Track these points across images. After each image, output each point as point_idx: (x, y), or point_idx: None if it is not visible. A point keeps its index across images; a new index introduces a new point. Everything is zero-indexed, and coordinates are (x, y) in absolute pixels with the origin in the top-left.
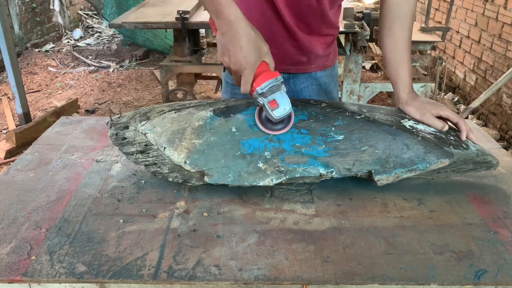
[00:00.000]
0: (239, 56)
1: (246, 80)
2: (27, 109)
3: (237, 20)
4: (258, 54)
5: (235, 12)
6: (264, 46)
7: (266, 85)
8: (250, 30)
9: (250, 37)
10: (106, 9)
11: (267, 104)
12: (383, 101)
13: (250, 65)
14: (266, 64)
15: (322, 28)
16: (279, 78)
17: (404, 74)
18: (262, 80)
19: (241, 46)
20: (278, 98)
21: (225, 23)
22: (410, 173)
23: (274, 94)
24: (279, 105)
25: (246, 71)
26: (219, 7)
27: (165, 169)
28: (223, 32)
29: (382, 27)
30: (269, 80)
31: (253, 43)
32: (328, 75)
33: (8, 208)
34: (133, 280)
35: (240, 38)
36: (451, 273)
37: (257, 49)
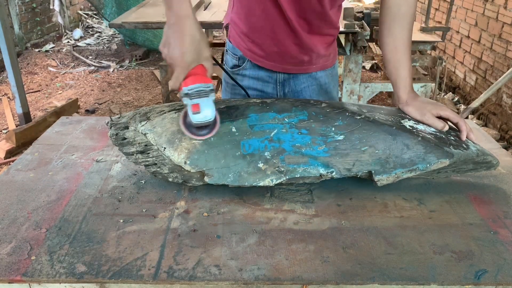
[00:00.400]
0: (177, 51)
1: (177, 76)
2: (27, 109)
3: (185, 17)
4: (197, 56)
5: (186, 9)
6: (205, 51)
7: (193, 87)
8: (195, 31)
9: (194, 38)
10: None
11: (189, 106)
12: (383, 101)
13: (184, 63)
14: (203, 69)
15: (323, 27)
16: (209, 85)
17: (404, 74)
18: (191, 82)
19: (182, 43)
20: (202, 104)
21: (173, 16)
22: (410, 173)
23: (200, 99)
24: (201, 111)
25: (179, 68)
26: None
27: (165, 169)
28: (170, 24)
29: (382, 27)
30: (198, 83)
31: (195, 44)
32: (328, 75)
33: (8, 208)
34: (133, 280)
35: (183, 35)
36: (451, 273)
37: (197, 51)
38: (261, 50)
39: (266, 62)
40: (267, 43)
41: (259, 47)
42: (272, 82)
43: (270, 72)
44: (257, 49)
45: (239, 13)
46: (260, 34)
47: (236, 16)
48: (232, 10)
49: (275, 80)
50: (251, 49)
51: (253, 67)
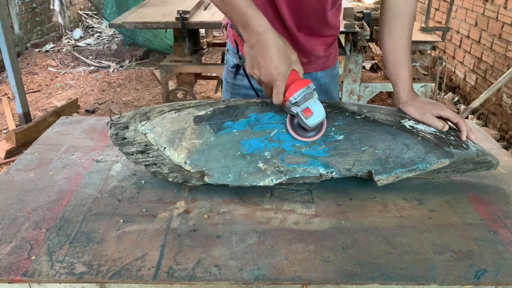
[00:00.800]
0: (270, 67)
1: (279, 90)
2: (27, 109)
3: (266, 31)
4: (288, 63)
5: (264, 24)
6: (293, 54)
7: (299, 94)
8: (279, 40)
9: (279, 47)
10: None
11: (301, 113)
12: (383, 101)
13: (281, 75)
14: (296, 73)
15: (323, 29)
16: (311, 86)
17: (404, 74)
18: (294, 90)
19: (271, 57)
20: (311, 106)
21: (253, 35)
22: (410, 173)
23: (307, 102)
24: (313, 112)
25: (278, 82)
26: (246, 20)
27: (165, 169)
28: (252, 44)
29: (382, 27)
30: (302, 88)
31: (282, 52)
32: (328, 75)
33: (8, 208)
34: (133, 280)
35: (270, 49)
36: (451, 273)
37: (287, 58)
38: None
39: None
40: None
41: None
42: None
43: None
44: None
45: None
46: None
47: None
48: None
49: None
50: None
51: None
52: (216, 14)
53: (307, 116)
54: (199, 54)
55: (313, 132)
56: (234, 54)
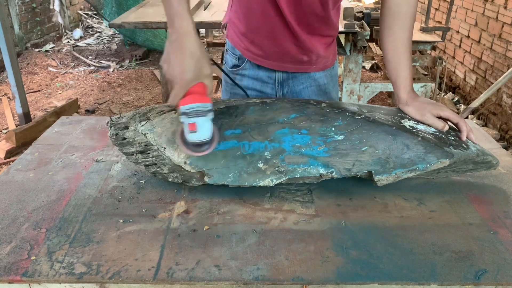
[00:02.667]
0: (177, 69)
1: (176, 94)
2: (27, 109)
3: (186, 35)
4: (197, 74)
5: (187, 26)
6: (206, 68)
7: (191, 106)
8: (196, 49)
9: (194, 55)
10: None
11: (186, 125)
12: (383, 101)
13: (183, 81)
14: (203, 87)
15: (322, 28)
16: (208, 105)
17: (404, 74)
18: (189, 101)
19: (181, 61)
20: (199, 124)
21: (174, 33)
22: (410, 173)
23: (198, 118)
24: (197, 130)
25: (178, 86)
26: (173, 16)
27: (165, 169)
28: (171, 40)
29: (383, 27)
30: (197, 103)
31: (194, 61)
32: (327, 75)
33: (8, 208)
34: (133, 280)
35: (184, 53)
36: (451, 273)
37: (197, 69)
38: (260, 50)
39: (265, 61)
40: (266, 43)
41: (258, 47)
42: (271, 83)
43: (269, 72)
44: (256, 49)
45: (238, 13)
46: (259, 35)
47: (234, 16)
48: (231, 9)
49: (274, 80)
50: (250, 49)
51: (253, 67)
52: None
53: (191, 130)
54: None
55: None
56: (233, 54)
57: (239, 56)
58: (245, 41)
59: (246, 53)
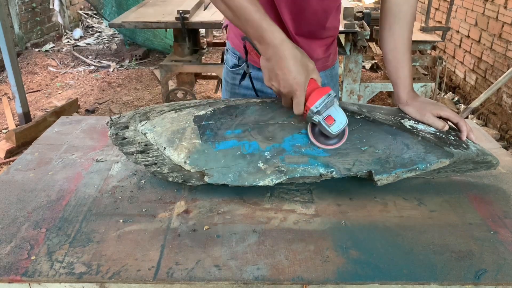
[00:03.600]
0: (289, 78)
1: (299, 101)
2: (27, 109)
3: (282, 43)
4: (306, 72)
5: (279, 36)
6: (310, 63)
7: (320, 102)
8: (295, 50)
9: (296, 57)
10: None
11: (323, 121)
12: (383, 101)
13: (301, 86)
14: (314, 81)
15: (323, 33)
16: (332, 93)
17: (404, 74)
18: (315, 99)
19: (289, 69)
20: (333, 114)
21: (269, 48)
22: (410, 173)
23: (329, 109)
24: (335, 120)
25: (298, 92)
26: (261, 33)
27: (165, 169)
28: (268, 57)
29: (383, 26)
30: (322, 97)
31: (300, 63)
32: (327, 75)
33: (8, 208)
34: (133, 280)
35: (287, 60)
36: (451, 273)
37: (305, 68)
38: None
39: None
40: None
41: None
42: None
43: None
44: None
45: None
46: None
47: None
48: None
49: None
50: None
51: (253, 67)
52: (216, 14)
53: (330, 124)
54: (199, 54)
55: (336, 139)
56: (234, 54)
57: (239, 56)
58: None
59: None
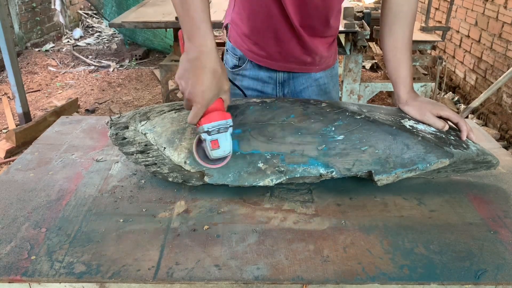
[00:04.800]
0: (198, 88)
1: (197, 113)
2: (27, 109)
3: (209, 53)
4: (217, 91)
5: (210, 44)
6: (225, 84)
7: (214, 125)
8: (217, 66)
9: (215, 74)
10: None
11: (208, 142)
12: (383, 101)
13: (205, 101)
14: (221, 102)
15: (324, 30)
16: (229, 122)
17: (404, 73)
18: (211, 119)
19: (202, 80)
20: (221, 140)
21: (195, 50)
22: (410, 173)
23: (219, 134)
24: (220, 146)
25: (199, 105)
26: (195, 33)
27: (165, 169)
28: (190, 58)
29: (383, 26)
30: (219, 121)
31: (216, 79)
32: (328, 75)
33: (8, 207)
34: (132, 279)
35: (205, 71)
36: (451, 273)
37: (218, 86)
38: (263, 50)
39: (269, 62)
40: (270, 44)
41: (261, 48)
42: (272, 83)
43: (270, 72)
44: (259, 50)
45: (241, 14)
46: (262, 36)
47: (237, 17)
48: (233, 10)
49: (275, 80)
50: (252, 50)
51: (253, 68)
52: (217, 13)
53: (213, 148)
54: None
55: (218, 161)
56: (234, 54)
57: (240, 56)
58: (248, 42)
59: (249, 54)
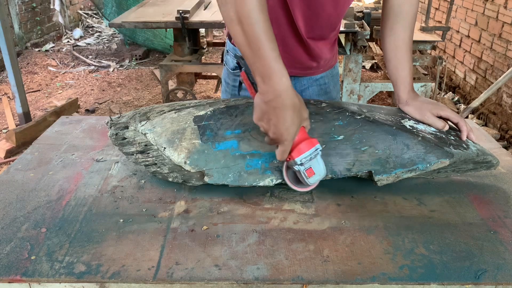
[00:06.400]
0: (282, 127)
1: (285, 150)
2: (27, 109)
3: (286, 91)
4: (299, 122)
5: (286, 82)
6: (305, 112)
7: (305, 155)
8: (296, 99)
9: (295, 107)
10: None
11: (303, 172)
12: (383, 101)
13: (291, 136)
14: (304, 129)
15: (330, 34)
16: (318, 147)
17: (404, 73)
18: (302, 151)
19: (284, 118)
20: (314, 166)
21: (271, 92)
22: (410, 173)
23: (311, 161)
24: (315, 173)
25: (286, 142)
26: (270, 73)
27: (165, 169)
28: (268, 100)
29: (384, 26)
30: (309, 150)
31: (297, 112)
32: (328, 75)
33: (8, 207)
34: (132, 279)
35: (286, 110)
36: (451, 273)
37: (299, 118)
38: None
39: None
40: None
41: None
42: None
43: None
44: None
45: None
46: None
47: None
48: None
49: None
50: None
51: None
52: (217, 13)
53: (309, 176)
54: (199, 53)
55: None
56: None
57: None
58: None
59: None
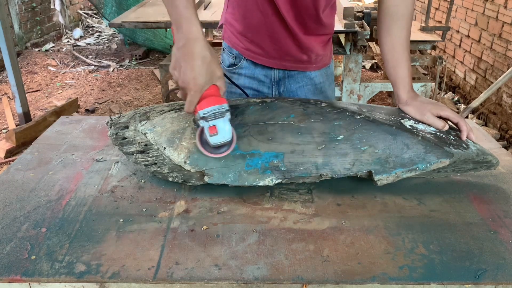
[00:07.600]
0: (189, 75)
1: (192, 100)
2: (27, 109)
3: (195, 39)
4: (209, 77)
5: (196, 31)
6: (218, 70)
7: (208, 110)
8: (206, 52)
9: (205, 59)
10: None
11: (206, 129)
12: (383, 101)
13: (197, 87)
14: (216, 88)
15: (317, 28)
16: (224, 106)
17: (403, 73)
18: (206, 104)
19: (192, 66)
20: (219, 125)
21: (182, 38)
22: (410, 173)
23: (216, 120)
24: (218, 132)
25: (192, 92)
26: (181, 20)
27: (165, 169)
28: (179, 46)
29: (380, 27)
30: (214, 106)
31: (206, 65)
32: (323, 74)
33: (8, 207)
34: (132, 279)
35: (194, 58)
36: (451, 273)
37: (209, 73)
38: (259, 48)
39: (265, 59)
40: (266, 42)
41: (257, 46)
42: (267, 81)
43: (266, 70)
44: (256, 48)
45: (234, 14)
46: (258, 34)
47: (231, 17)
48: (227, 10)
49: (270, 79)
50: (249, 48)
51: (249, 66)
52: (216, 13)
53: (211, 134)
54: None
55: (221, 149)
56: (230, 53)
57: (236, 55)
58: (244, 40)
59: (245, 52)
